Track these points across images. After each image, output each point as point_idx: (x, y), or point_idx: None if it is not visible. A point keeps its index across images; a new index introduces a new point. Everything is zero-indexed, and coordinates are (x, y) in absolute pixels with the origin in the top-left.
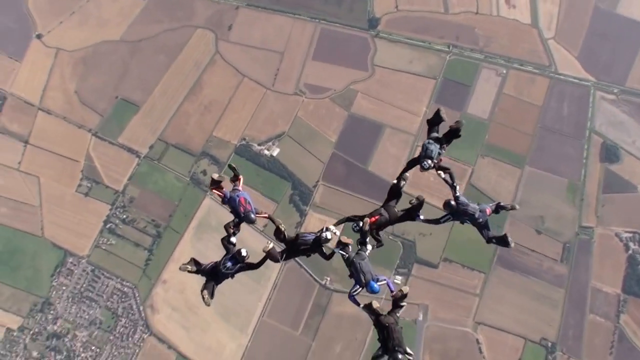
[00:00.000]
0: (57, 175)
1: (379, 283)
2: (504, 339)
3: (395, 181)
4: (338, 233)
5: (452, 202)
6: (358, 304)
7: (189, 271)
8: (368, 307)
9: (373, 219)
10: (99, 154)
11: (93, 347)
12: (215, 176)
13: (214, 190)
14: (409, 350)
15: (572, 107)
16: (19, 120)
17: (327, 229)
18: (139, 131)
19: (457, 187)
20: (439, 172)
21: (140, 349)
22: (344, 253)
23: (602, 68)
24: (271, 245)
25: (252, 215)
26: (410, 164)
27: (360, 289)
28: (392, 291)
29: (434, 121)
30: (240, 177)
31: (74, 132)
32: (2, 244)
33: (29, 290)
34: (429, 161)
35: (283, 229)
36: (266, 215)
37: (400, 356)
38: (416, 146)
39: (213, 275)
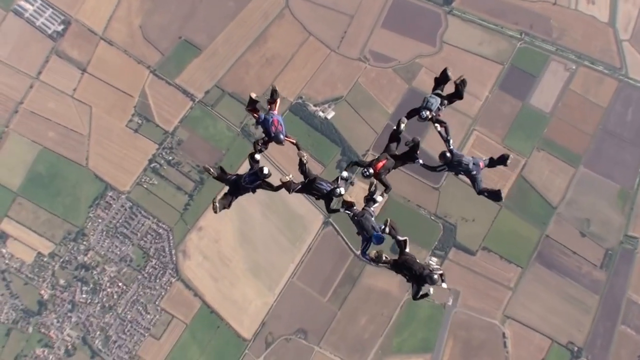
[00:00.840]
0: (110, 107)
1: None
2: (531, 336)
3: (395, 127)
4: (351, 179)
5: (447, 154)
6: (368, 261)
7: (210, 174)
8: (374, 259)
9: (380, 163)
10: (154, 92)
11: (120, 284)
12: (254, 95)
13: (250, 111)
14: (434, 265)
15: (637, 114)
16: (80, 47)
17: (342, 179)
18: (197, 75)
19: (451, 141)
20: (436, 124)
21: (166, 292)
22: (349, 212)
23: None
24: (289, 178)
25: (282, 136)
26: (411, 114)
27: (368, 244)
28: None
29: (440, 80)
30: (278, 100)
31: (132, 67)
32: (45, 168)
33: (65, 218)
34: (427, 112)
35: (305, 162)
36: (294, 140)
37: (435, 276)
38: (472, 129)
39: (235, 187)
